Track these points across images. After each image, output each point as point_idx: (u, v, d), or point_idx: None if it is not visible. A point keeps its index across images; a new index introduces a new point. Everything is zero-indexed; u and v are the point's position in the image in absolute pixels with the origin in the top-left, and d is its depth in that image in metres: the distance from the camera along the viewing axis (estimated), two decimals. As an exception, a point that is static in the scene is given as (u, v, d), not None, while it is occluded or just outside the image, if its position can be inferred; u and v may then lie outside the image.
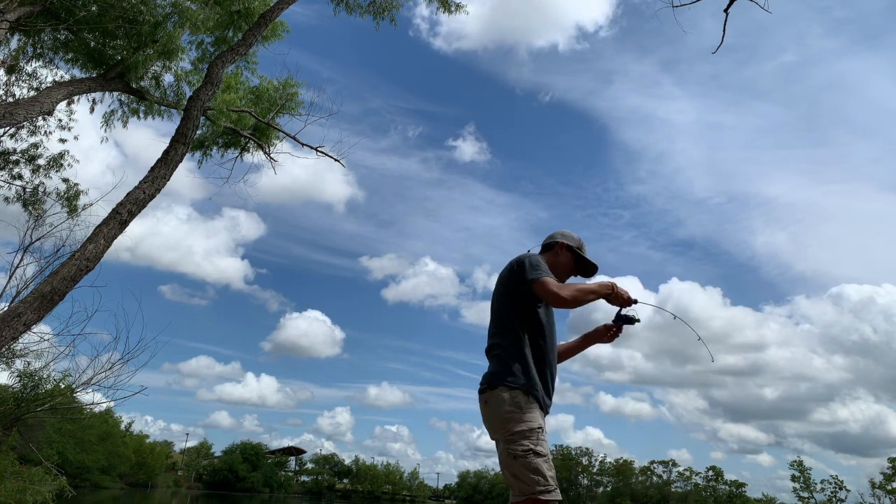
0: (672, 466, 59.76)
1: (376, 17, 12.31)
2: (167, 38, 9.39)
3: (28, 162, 11.19)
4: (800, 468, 47.62)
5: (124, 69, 9.69)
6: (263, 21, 10.05)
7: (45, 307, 6.91)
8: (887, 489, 41.71)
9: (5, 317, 6.74)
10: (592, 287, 2.68)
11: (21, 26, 8.83)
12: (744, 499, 54.38)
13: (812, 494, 46.32)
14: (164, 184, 8.21)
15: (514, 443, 2.41)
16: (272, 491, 61.47)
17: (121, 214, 7.64)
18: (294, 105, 11.79)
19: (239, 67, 11.84)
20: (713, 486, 56.91)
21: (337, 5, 12.23)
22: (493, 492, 64.27)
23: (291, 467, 69.27)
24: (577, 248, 2.93)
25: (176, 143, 8.45)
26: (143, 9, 9.33)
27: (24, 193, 11.13)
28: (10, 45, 9.88)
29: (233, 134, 11.76)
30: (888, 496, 41.75)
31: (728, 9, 7.12)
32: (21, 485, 10.20)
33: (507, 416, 2.46)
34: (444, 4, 12.38)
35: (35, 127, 11.14)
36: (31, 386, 10.88)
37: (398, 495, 68.73)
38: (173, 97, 11.27)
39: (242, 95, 11.65)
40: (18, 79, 10.54)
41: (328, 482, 67.29)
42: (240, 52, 9.75)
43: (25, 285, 9.69)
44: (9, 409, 10.24)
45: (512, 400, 2.48)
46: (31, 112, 8.31)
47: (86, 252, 7.24)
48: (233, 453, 61.39)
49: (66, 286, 7.06)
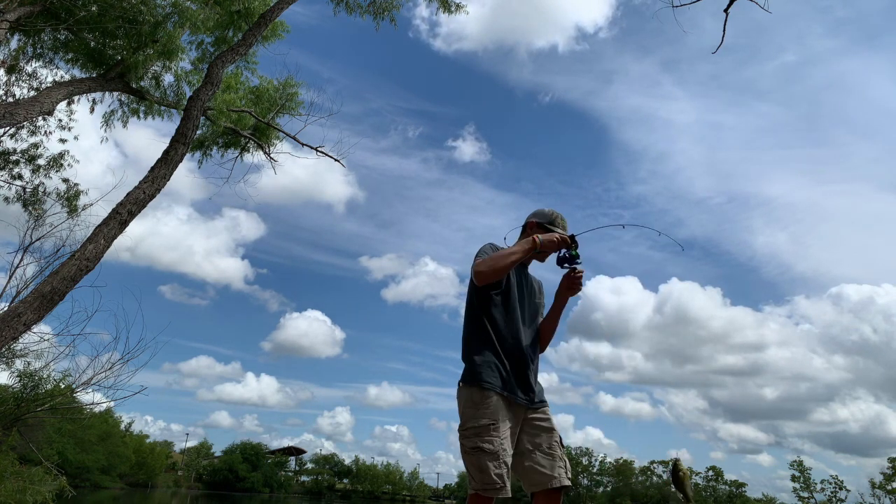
0: (672, 466, 59.70)
1: (376, 17, 12.31)
2: (167, 38, 9.39)
3: (28, 162, 11.19)
4: (800, 468, 47.59)
5: (124, 69, 9.69)
6: (263, 21, 10.05)
7: (45, 307, 6.91)
8: (887, 489, 41.68)
9: (5, 317, 6.74)
10: (512, 249, 2.60)
11: (21, 26, 8.83)
12: (744, 499, 54.35)
13: (812, 494, 46.28)
14: (164, 184, 8.21)
15: (464, 438, 2.45)
16: (272, 491, 61.43)
17: (121, 214, 7.64)
18: (294, 105, 11.80)
19: (239, 67, 11.84)
20: (713, 486, 56.90)
21: (337, 5, 12.24)
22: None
23: (291, 467, 69.23)
24: (549, 223, 2.84)
25: (176, 143, 8.45)
26: (143, 9, 9.33)
27: (24, 193, 11.13)
28: (10, 45, 9.88)
29: (233, 134, 11.76)
30: (888, 496, 41.72)
31: (728, 9, 7.12)
32: (21, 485, 10.20)
33: (463, 412, 2.51)
34: (444, 4, 12.38)
35: (35, 127, 11.14)
36: (31, 386, 10.88)
37: (398, 495, 68.70)
38: (173, 97, 11.27)
39: (242, 95, 11.65)
40: (18, 79, 10.54)
41: (328, 482, 67.25)
42: (240, 52, 9.75)
43: (25, 285, 9.70)
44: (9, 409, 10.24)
45: (468, 397, 2.51)
46: (31, 112, 8.30)
47: (86, 252, 7.24)
48: (233, 453, 61.34)
49: (66, 286, 7.06)
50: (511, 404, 2.54)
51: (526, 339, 2.68)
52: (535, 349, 2.75)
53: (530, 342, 2.70)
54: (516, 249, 2.60)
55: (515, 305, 2.71)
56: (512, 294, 2.72)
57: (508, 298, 2.70)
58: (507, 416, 2.49)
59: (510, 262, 2.56)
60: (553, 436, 2.60)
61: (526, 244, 2.61)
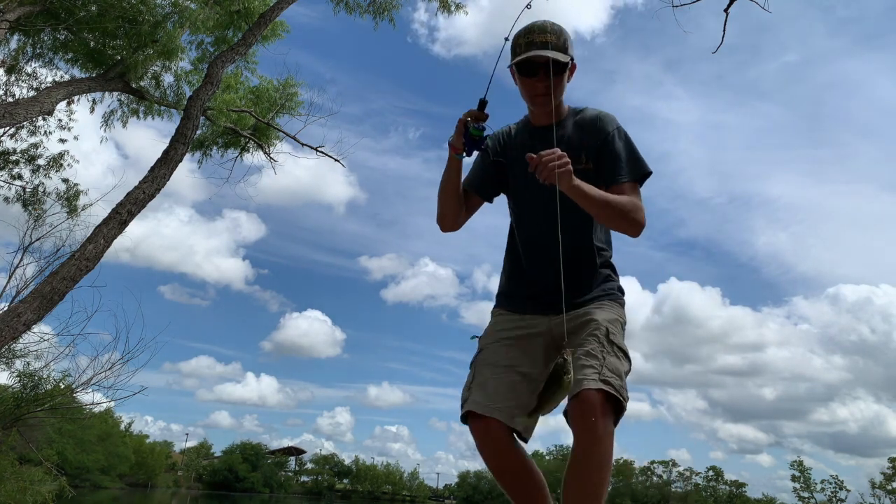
0: (672, 467, 59.82)
1: (376, 17, 12.31)
2: (167, 38, 9.39)
3: (28, 162, 11.20)
4: (800, 468, 47.68)
5: (124, 69, 9.68)
6: (263, 21, 10.05)
7: (44, 307, 6.91)
8: (887, 489, 41.71)
9: (5, 317, 6.74)
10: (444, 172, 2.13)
11: (21, 26, 8.83)
12: (744, 499, 54.38)
13: (812, 494, 46.33)
14: (164, 183, 8.22)
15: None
16: (272, 491, 61.41)
17: (120, 214, 7.64)
18: (294, 105, 11.80)
19: (239, 67, 11.84)
20: (713, 486, 56.92)
21: (337, 5, 12.25)
22: (494, 492, 64.23)
23: (291, 467, 69.19)
24: (513, 62, 2.04)
25: (176, 143, 8.45)
26: (142, 9, 9.33)
27: (24, 193, 11.14)
28: (9, 45, 9.88)
29: (233, 134, 11.76)
30: (888, 496, 41.74)
31: (728, 8, 7.12)
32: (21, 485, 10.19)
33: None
34: (444, 4, 12.39)
35: (35, 127, 11.15)
36: (31, 386, 10.87)
37: (398, 495, 68.69)
38: (173, 97, 11.27)
39: (242, 95, 11.66)
40: (18, 79, 10.55)
41: (328, 482, 67.20)
42: (240, 52, 9.75)
43: (25, 285, 9.69)
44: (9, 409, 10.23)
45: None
46: (31, 112, 8.30)
47: (85, 252, 7.24)
48: (233, 453, 61.32)
49: (66, 286, 7.06)
50: (524, 318, 2.11)
51: (548, 233, 1.95)
52: (573, 237, 2.05)
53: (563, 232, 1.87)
54: (445, 169, 2.12)
55: (525, 197, 2.16)
56: (518, 186, 2.19)
57: (517, 194, 2.21)
58: (510, 334, 2.09)
59: (441, 194, 2.15)
60: (586, 332, 1.92)
61: (450, 152, 2.08)
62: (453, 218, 2.20)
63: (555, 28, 2.04)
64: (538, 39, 2.01)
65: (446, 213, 2.19)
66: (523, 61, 2.00)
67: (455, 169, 2.11)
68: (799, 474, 47.24)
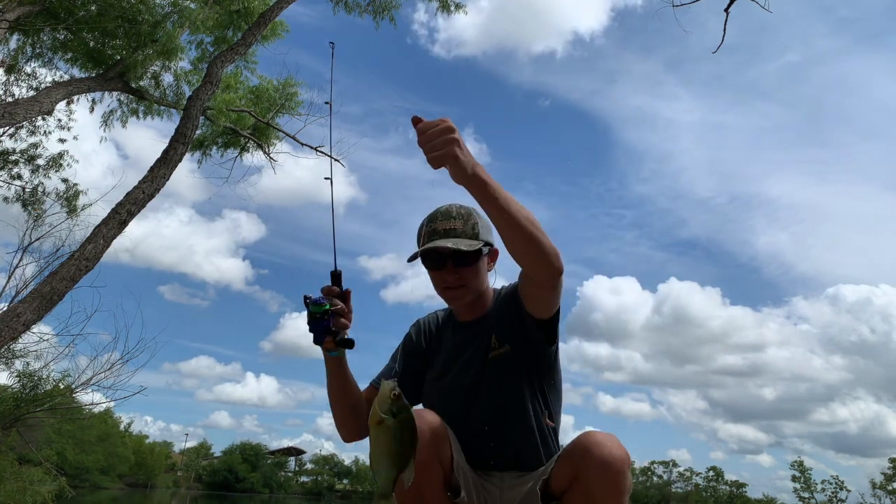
0: (672, 467, 59.76)
1: (375, 16, 12.31)
2: (167, 38, 9.39)
3: (27, 162, 11.20)
4: (800, 468, 47.62)
5: (124, 69, 9.68)
6: (263, 21, 10.05)
7: (44, 307, 6.90)
8: (888, 489, 41.69)
9: (5, 317, 6.73)
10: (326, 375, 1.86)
11: (21, 26, 8.82)
12: (744, 499, 54.32)
13: (812, 495, 46.30)
14: (163, 183, 8.21)
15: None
16: (272, 491, 61.39)
17: (120, 214, 7.64)
18: (294, 105, 11.79)
19: (238, 67, 11.83)
20: (714, 486, 56.88)
21: (336, 4, 12.24)
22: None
23: (291, 468, 69.16)
24: (416, 253, 1.85)
25: (175, 143, 8.44)
26: (142, 8, 9.33)
27: (24, 193, 11.14)
28: (9, 44, 9.88)
29: (232, 134, 11.75)
30: (889, 496, 41.73)
31: (728, 8, 7.12)
32: (20, 485, 10.18)
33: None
34: (443, 4, 12.38)
35: (34, 127, 11.14)
36: (30, 386, 10.86)
37: (398, 496, 68.61)
38: (173, 97, 11.27)
39: (242, 95, 11.65)
40: (18, 78, 10.54)
41: (328, 483, 67.19)
42: (239, 52, 9.75)
43: (25, 285, 9.68)
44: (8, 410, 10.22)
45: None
46: (31, 112, 8.30)
47: (85, 252, 7.23)
48: (232, 454, 61.32)
49: (66, 286, 7.05)
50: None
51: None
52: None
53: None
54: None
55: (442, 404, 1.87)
56: (434, 388, 1.95)
57: (432, 398, 1.94)
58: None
59: (330, 401, 1.83)
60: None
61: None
62: (354, 427, 1.84)
63: (461, 212, 1.82)
64: (440, 227, 1.80)
65: (344, 424, 1.83)
66: (426, 252, 1.79)
67: (332, 370, 1.77)
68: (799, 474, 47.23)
